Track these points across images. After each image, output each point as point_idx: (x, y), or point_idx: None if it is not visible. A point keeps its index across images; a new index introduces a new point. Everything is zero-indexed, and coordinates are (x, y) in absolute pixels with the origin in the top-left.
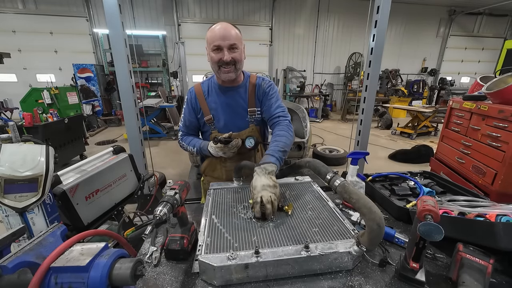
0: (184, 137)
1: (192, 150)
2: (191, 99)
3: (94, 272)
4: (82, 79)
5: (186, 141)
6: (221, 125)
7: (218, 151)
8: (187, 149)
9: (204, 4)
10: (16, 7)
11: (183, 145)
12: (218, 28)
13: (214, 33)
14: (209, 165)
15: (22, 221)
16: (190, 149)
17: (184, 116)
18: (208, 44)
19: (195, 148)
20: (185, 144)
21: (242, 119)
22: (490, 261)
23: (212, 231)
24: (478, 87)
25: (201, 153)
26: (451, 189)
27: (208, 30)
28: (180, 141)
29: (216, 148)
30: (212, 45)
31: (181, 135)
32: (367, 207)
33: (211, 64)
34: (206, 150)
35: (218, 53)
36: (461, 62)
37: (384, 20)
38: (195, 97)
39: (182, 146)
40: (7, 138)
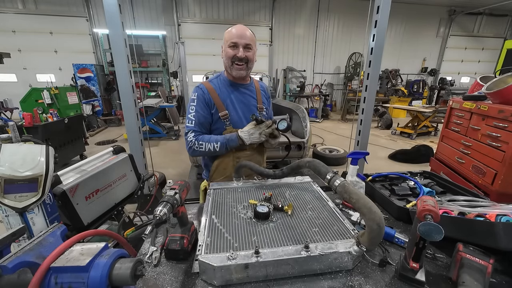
0: (199, 136)
1: (214, 148)
2: (203, 95)
3: (94, 272)
4: (82, 79)
5: (204, 139)
6: (235, 121)
7: (254, 132)
8: (206, 149)
9: (204, 4)
10: (16, 7)
11: (201, 145)
12: (236, 28)
13: (232, 32)
14: (220, 165)
15: (22, 221)
16: (210, 148)
17: (197, 114)
18: (225, 42)
19: (219, 143)
20: (205, 143)
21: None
22: (490, 261)
23: (212, 231)
24: (478, 87)
25: (227, 147)
26: (451, 189)
27: (226, 31)
28: (194, 141)
29: (252, 130)
30: (229, 42)
31: (195, 135)
32: (367, 207)
33: (225, 60)
34: (235, 140)
35: (233, 50)
36: (461, 62)
37: (384, 20)
38: (207, 92)
39: (198, 147)
40: (7, 138)
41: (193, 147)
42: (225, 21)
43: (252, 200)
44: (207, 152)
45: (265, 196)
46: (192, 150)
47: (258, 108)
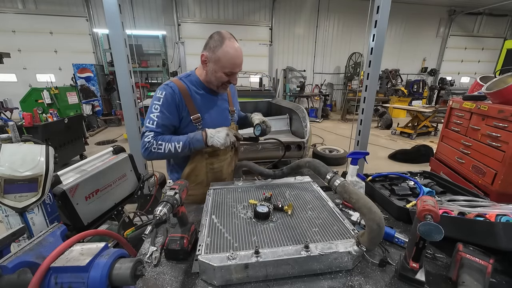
0: (158, 136)
1: (175, 148)
2: (173, 95)
3: (94, 272)
4: (82, 79)
5: (164, 139)
6: (208, 124)
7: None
8: (165, 150)
9: (204, 4)
10: (16, 7)
11: (159, 146)
12: (237, 56)
13: (234, 60)
14: (193, 171)
15: (22, 221)
16: (170, 148)
17: (162, 114)
18: (221, 66)
19: (181, 143)
20: (165, 143)
21: (226, 118)
22: (490, 261)
23: (212, 231)
24: (478, 87)
25: (190, 147)
26: (451, 189)
27: (225, 51)
28: (152, 141)
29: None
30: (228, 70)
31: (154, 135)
32: (367, 207)
33: (215, 80)
34: (200, 140)
35: (229, 77)
36: (461, 62)
37: (384, 20)
38: (179, 92)
39: (156, 148)
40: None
41: (150, 148)
42: (225, 21)
43: (252, 200)
44: (166, 153)
45: (265, 196)
46: (149, 151)
47: (230, 112)
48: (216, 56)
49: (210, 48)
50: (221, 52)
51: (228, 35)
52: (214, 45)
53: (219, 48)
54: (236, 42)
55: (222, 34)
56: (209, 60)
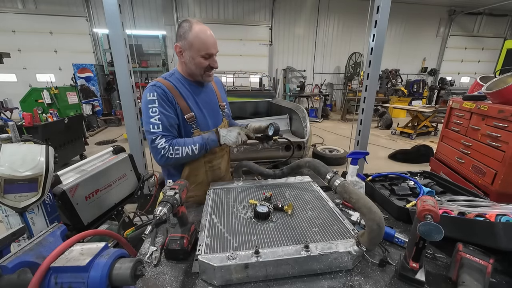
0: (173, 141)
1: (192, 151)
2: (164, 94)
3: (94, 272)
4: (82, 79)
5: (180, 144)
6: (202, 123)
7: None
8: (183, 154)
9: (204, 4)
10: (16, 7)
11: (177, 151)
12: (209, 35)
13: (206, 40)
14: (191, 171)
15: (22, 221)
16: (188, 151)
17: (162, 115)
18: (196, 50)
19: (198, 144)
20: (181, 147)
21: (217, 114)
22: (490, 261)
23: (212, 231)
24: (478, 87)
25: (206, 148)
26: (451, 189)
27: (195, 34)
28: (168, 147)
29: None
30: (204, 52)
31: (166, 140)
32: (367, 207)
33: (195, 68)
34: (214, 140)
35: (208, 60)
36: (461, 62)
37: (384, 20)
38: (169, 91)
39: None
40: (7, 138)
41: (167, 154)
42: (225, 21)
43: (252, 200)
44: (184, 157)
45: (265, 196)
46: (166, 158)
47: (221, 107)
48: (188, 41)
49: (180, 36)
50: (191, 35)
51: (196, 20)
52: (183, 32)
53: (188, 32)
54: (205, 25)
55: (189, 20)
56: (183, 48)
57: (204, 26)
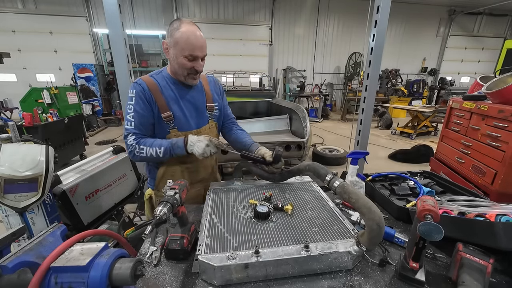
0: (141, 140)
1: (156, 153)
2: (143, 92)
3: (94, 272)
4: (82, 79)
5: (146, 143)
6: (181, 122)
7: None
8: (147, 154)
9: (204, 4)
10: (16, 7)
11: (141, 150)
12: (196, 37)
13: (192, 42)
14: (165, 173)
15: (22, 221)
16: (152, 153)
17: (136, 114)
18: (180, 49)
19: (163, 148)
20: (146, 147)
21: (202, 115)
22: (490, 261)
23: (212, 231)
24: (478, 87)
25: (171, 153)
26: (451, 189)
27: (181, 33)
28: (135, 145)
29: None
30: (188, 53)
31: (135, 138)
32: (366, 207)
33: (177, 68)
34: (181, 147)
35: (191, 62)
36: (461, 62)
37: (384, 20)
38: (148, 90)
39: (139, 152)
40: (7, 138)
41: (134, 151)
42: (225, 21)
43: (252, 200)
44: (148, 157)
45: (265, 196)
46: (133, 154)
47: (208, 108)
48: (174, 39)
49: (169, 33)
50: (178, 34)
51: (188, 21)
52: (171, 29)
53: (176, 31)
54: (196, 27)
55: (181, 19)
56: (169, 46)
57: (193, 27)
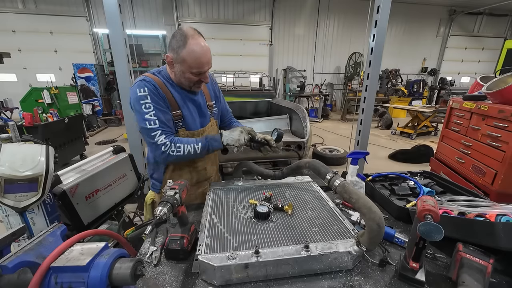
0: (174, 138)
1: (194, 150)
2: (155, 89)
3: (94, 272)
4: (82, 78)
5: (182, 142)
6: (189, 122)
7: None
8: (185, 152)
9: (204, 4)
10: (16, 7)
11: (178, 148)
12: (204, 53)
13: (200, 60)
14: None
15: (22, 221)
16: (190, 150)
17: (157, 111)
18: (187, 67)
19: (200, 144)
20: (183, 144)
21: (205, 114)
22: (490, 261)
23: (212, 231)
24: (478, 87)
25: (208, 148)
26: (451, 189)
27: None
28: (170, 144)
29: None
30: (196, 70)
31: (166, 136)
32: (367, 207)
33: (185, 81)
34: (218, 140)
35: (198, 76)
36: (461, 62)
37: (384, 20)
38: (158, 88)
39: (176, 151)
40: (7, 138)
41: (168, 150)
42: (225, 21)
43: (252, 200)
44: (185, 155)
45: (265, 196)
46: (167, 155)
47: (208, 106)
48: (180, 57)
49: (173, 49)
50: (185, 52)
51: (191, 32)
52: (177, 46)
53: (182, 48)
54: (201, 38)
55: (185, 32)
56: (174, 61)
57: (199, 42)
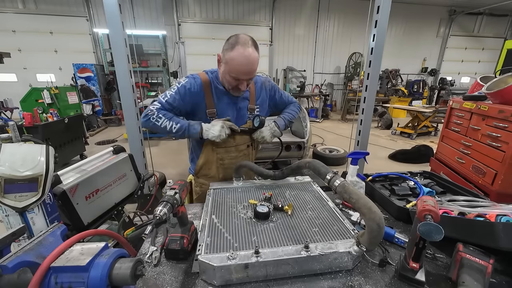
0: (161, 111)
1: (171, 127)
2: (195, 85)
3: (94, 272)
4: (82, 78)
5: (166, 116)
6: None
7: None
8: (162, 124)
9: (204, 4)
10: (16, 6)
11: (159, 118)
12: (246, 63)
13: (240, 68)
14: (205, 164)
15: (22, 221)
16: (167, 125)
17: (173, 96)
18: (228, 70)
19: (179, 125)
20: (164, 118)
21: (243, 116)
22: (490, 261)
23: (212, 231)
24: (478, 87)
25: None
26: (451, 189)
27: (232, 56)
28: (155, 111)
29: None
30: (234, 75)
31: (158, 108)
32: (367, 207)
33: (225, 82)
34: (196, 129)
35: (236, 81)
36: (461, 62)
37: (384, 20)
38: (200, 85)
39: (155, 119)
40: (7, 137)
41: (150, 116)
42: (225, 21)
43: (252, 200)
44: (161, 128)
45: (265, 196)
46: (147, 119)
47: (249, 109)
48: (225, 59)
49: (223, 49)
50: (229, 56)
51: (243, 40)
52: (226, 48)
53: (229, 51)
54: (251, 49)
55: (238, 38)
56: (221, 61)
57: (245, 51)
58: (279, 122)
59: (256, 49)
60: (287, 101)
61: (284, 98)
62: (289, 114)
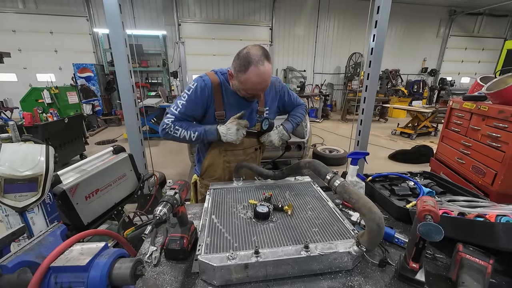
0: (176, 122)
1: (190, 136)
2: (204, 88)
3: (94, 272)
4: (82, 78)
5: (182, 126)
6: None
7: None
8: (180, 135)
9: (204, 4)
10: (16, 6)
11: (176, 130)
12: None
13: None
14: (211, 166)
15: (22, 221)
16: (185, 135)
17: (185, 105)
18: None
19: (197, 133)
20: (181, 129)
21: (252, 119)
22: (490, 261)
23: (212, 231)
24: (478, 87)
25: (203, 139)
26: (451, 189)
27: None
28: (170, 125)
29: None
30: (250, 92)
31: (173, 120)
32: (367, 207)
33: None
34: (213, 133)
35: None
36: (461, 62)
37: (384, 20)
38: (210, 87)
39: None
40: (7, 137)
41: (167, 129)
42: (225, 21)
43: (252, 200)
44: (181, 139)
45: (265, 196)
46: (165, 132)
47: (258, 111)
48: (239, 79)
49: (235, 69)
50: (244, 78)
51: (257, 58)
52: (239, 69)
53: (243, 74)
54: (265, 63)
55: (250, 57)
56: (233, 78)
57: (260, 70)
58: (287, 126)
59: (268, 60)
60: (295, 103)
61: (293, 99)
62: (297, 118)
